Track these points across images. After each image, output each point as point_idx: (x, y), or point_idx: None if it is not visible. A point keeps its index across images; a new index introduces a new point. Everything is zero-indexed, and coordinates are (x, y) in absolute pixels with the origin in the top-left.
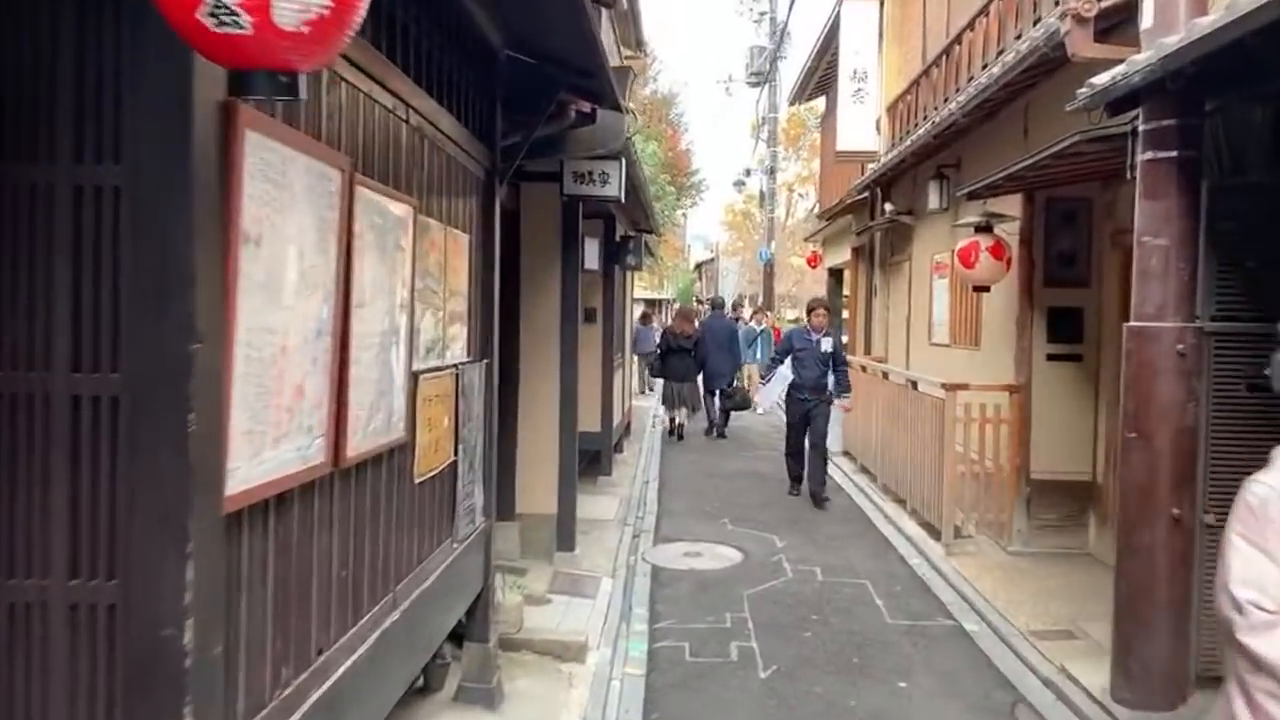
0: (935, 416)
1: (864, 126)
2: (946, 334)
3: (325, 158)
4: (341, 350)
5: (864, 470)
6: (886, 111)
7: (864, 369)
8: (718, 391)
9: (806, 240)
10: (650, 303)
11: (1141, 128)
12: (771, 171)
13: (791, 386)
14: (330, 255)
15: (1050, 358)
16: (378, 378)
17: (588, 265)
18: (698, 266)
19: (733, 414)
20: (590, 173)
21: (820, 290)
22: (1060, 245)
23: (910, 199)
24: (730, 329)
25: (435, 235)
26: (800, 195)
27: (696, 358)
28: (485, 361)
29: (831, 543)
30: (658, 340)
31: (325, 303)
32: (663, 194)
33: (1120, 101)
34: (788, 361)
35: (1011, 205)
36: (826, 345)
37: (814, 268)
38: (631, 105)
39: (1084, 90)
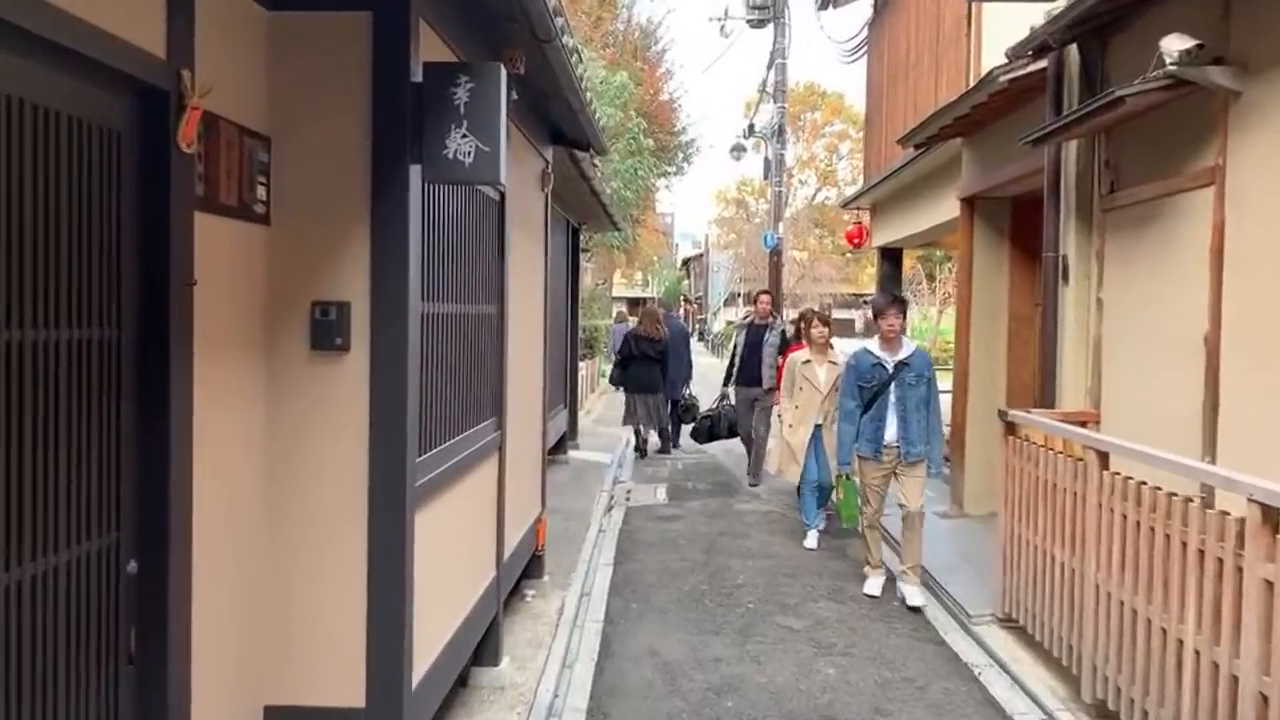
0: None
1: None
2: None
3: None
4: None
5: (1064, 672)
6: None
7: (1072, 454)
8: (673, 403)
9: (845, 207)
10: (633, 302)
11: None
12: (780, 132)
13: None
14: None
15: None
16: None
17: None
18: (685, 263)
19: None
20: None
21: (831, 288)
22: None
23: (1220, 31)
24: (684, 331)
25: None
26: (801, 181)
27: (663, 366)
28: None
29: None
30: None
31: None
32: (638, 148)
33: None
34: None
35: None
36: None
37: (858, 246)
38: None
39: None
